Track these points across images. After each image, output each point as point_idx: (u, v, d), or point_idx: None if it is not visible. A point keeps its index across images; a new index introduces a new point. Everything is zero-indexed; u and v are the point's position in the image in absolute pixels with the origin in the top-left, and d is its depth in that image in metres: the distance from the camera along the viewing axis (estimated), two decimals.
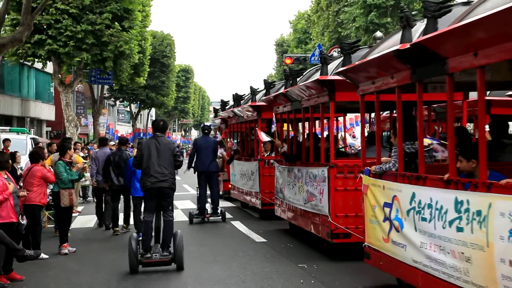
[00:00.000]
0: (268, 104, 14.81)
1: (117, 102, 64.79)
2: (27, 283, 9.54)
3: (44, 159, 11.81)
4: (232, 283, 9.14)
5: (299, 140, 13.68)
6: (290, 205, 12.75)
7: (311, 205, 11.24)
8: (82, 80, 33.08)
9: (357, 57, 9.55)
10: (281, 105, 13.60)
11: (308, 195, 11.41)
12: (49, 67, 30.97)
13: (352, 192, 10.00)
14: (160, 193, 10.16)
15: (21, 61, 29.57)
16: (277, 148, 14.13)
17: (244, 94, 20.25)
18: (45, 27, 26.55)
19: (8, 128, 24.89)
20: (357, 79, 8.83)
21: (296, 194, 12.28)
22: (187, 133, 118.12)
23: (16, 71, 37.23)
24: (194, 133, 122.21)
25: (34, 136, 26.18)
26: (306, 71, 13.37)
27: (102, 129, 46.63)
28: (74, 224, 14.95)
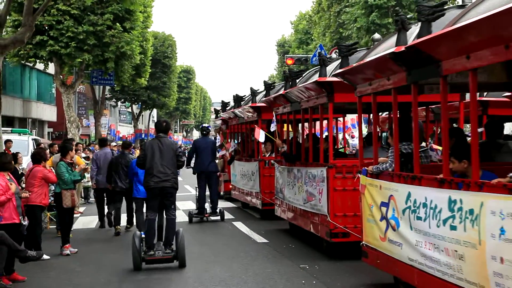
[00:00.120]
0: (268, 105, 14.88)
1: (119, 103, 64.99)
2: (29, 284, 9.56)
3: (46, 160, 11.90)
4: (233, 283, 9.14)
5: (299, 141, 13.76)
6: (290, 205, 12.82)
7: (310, 205, 11.33)
8: (83, 81, 33.23)
9: (354, 59, 9.66)
10: (281, 106, 13.66)
11: (307, 195, 11.49)
12: (51, 68, 31.06)
13: (350, 192, 10.08)
14: (163, 193, 10.41)
15: (22, 62, 29.71)
16: (277, 148, 14.21)
17: (245, 95, 20.34)
18: (46, 28, 26.63)
19: (10, 129, 24.81)
20: (354, 80, 8.94)
21: (295, 194, 12.36)
22: (189, 134, 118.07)
23: (18, 72, 37.31)
24: (196, 133, 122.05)
25: (36, 137, 26.30)
26: (305, 73, 13.45)
27: (104, 130, 46.66)
28: (76, 225, 15.03)
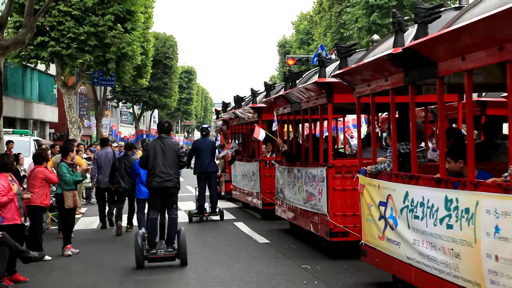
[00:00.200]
0: (268, 105, 14.95)
1: (120, 104, 65.06)
2: (30, 284, 9.59)
3: (47, 161, 11.95)
4: (235, 284, 9.15)
5: (299, 141, 13.83)
6: (290, 205, 12.89)
7: (310, 205, 11.40)
8: (85, 81, 33.24)
9: (353, 60, 9.75)
10: (281, 106, 13.72)
11: (307, 195, 11.56)
12: (52, 69, 31.11)
13: (350, 191, 10.15)
14: (165, 192, 10.60)
15: (24, 63, 29.79)
16: (278, 148, 14.27)
17: (245, 96, 20.41)
18: (47, 29, 26.66)
19: (12, 130, 24.82)
20: (353, 81, 9.02)
21: (296, 194, 12.42)
22: (190, 135, 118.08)
23: (19, 73, 37.40)
24: (197, 134, 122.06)
25: (37, 138, 26.29)
26: (305, 73, 13.52)
27: (105, 131, 46.71)
28: (77, 226, 15.06)
